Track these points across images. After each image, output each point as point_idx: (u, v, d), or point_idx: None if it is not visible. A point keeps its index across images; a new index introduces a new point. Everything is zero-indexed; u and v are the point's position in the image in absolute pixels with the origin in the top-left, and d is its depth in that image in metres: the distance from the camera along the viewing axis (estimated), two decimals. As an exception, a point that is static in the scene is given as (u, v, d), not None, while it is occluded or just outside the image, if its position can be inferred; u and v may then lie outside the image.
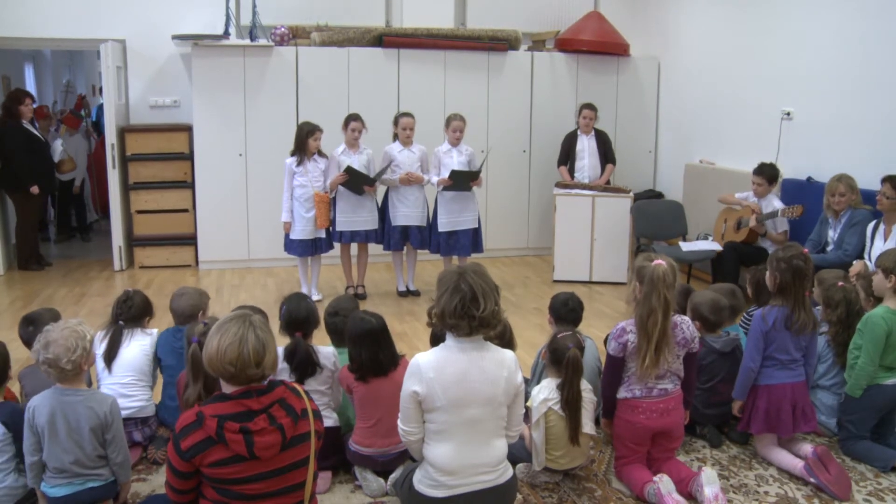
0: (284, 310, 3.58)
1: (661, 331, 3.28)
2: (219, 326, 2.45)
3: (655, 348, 3.29)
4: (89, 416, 2.97)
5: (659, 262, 3.30)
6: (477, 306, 2.70)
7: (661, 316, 3.27)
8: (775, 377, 3.71)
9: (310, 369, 3.50)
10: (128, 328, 3.82)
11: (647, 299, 3.28)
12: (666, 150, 8.68)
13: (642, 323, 3.30)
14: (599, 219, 7.22)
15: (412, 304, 6.58)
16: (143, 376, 3.78)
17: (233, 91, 7.55)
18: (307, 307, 3.58)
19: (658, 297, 3.26)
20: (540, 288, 7.16)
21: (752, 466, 3.75)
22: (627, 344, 3.36)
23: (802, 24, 6.47)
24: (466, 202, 6.57)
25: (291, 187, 6.35)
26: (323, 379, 3.55)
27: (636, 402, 3.41)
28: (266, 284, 7.19)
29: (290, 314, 3.55)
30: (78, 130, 9.57)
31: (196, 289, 4.08)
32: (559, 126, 8.07)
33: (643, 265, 3.32)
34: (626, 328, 3.38)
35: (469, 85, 8.11)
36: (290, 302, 3.61)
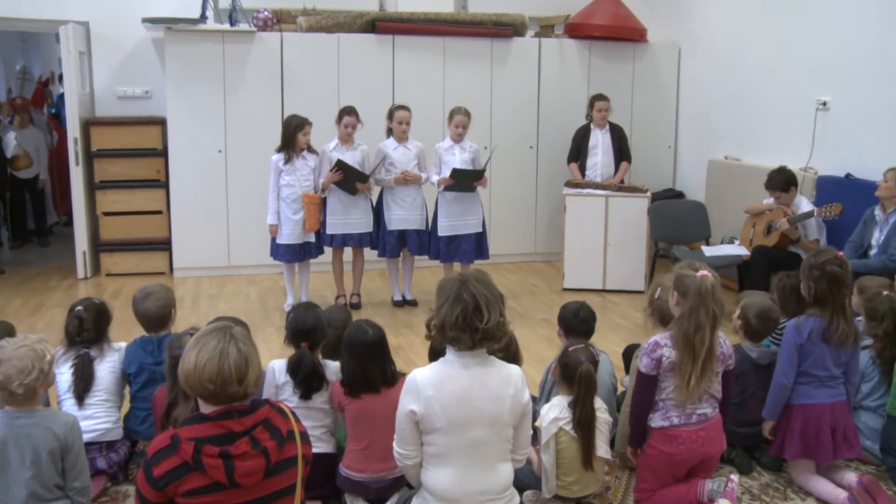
0: (290, 318, 3.62)
1: (709, 349, 3.25)
2: (196, 340, 2.44)
3: (702, 368, 3.24)
4: (47, 440, 2.84)
5: (705, 274, 3.28)
6: (480, 317, 2.70)
7: (709, 332, 3.25)
8: (812, 396, 3.67)
9: (316, 384, 3.51)
10: (94, 351, 3.73)
11: (693, 314, 3.25)
12: (687, 146, 8.69)
13: (687, 340, 3.26)
14: (614, 221, 7.23)
15: (409, 316, 6.58)
16: (111, 396, 3.73)
17: (211, 81, 7.56)
18: (315, 316, 3.61)
19: (706, 311, 3.24)
20: (549, 297, 7.16)
21: (787, 496, 3.69)
22: (662, 360, 3.32)
23: (840, 2, 6.45)
24: (469, 204, 6.57)
25: (278, 187, 6.36)
26: (328, 395, 3.57)
27: (675, 431, 3.34)
28: (248, 294, 7.19)
29: (297, 322, 3.58)
30: (34, 122, 9.43)
31: (160, 285, 3.97)
32: (569, 120, 8.08)
33: (686, 275, 3.31)
34: (661, 342, 3.34)
35: (471, 75, 8.12)
36: (298, 310, 3.65)
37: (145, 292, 3.88)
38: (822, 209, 5.83)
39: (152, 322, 3.86)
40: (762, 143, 7.37)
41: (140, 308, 3.87)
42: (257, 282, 7.61)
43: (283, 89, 7.69)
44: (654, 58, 8.63)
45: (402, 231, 6.60)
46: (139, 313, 3.88)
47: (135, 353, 3.80)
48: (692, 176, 8.46)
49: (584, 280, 7.33)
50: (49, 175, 9.75)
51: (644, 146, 8.53)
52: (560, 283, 7.44)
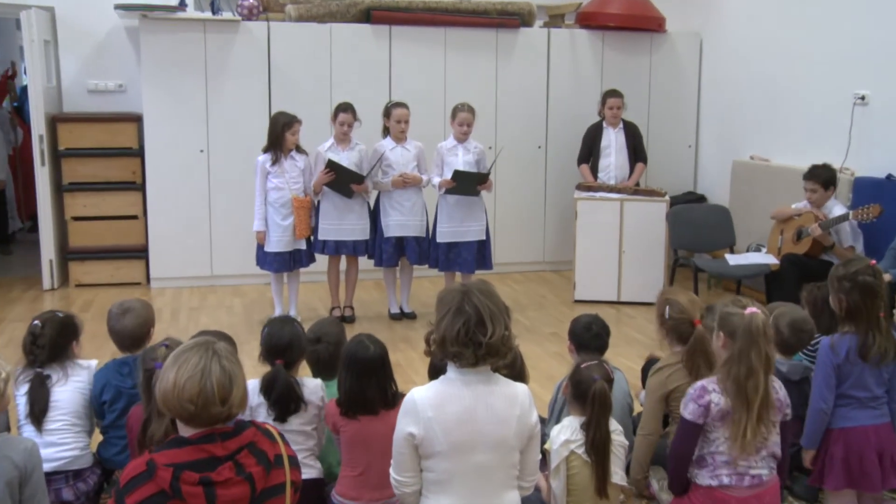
0: (265, 333, 3.61)
1: (764, 396, 3.18)
2: (176, 356, 2.43)
3: (757, 417, 3.17)
4: (5, 469, 2.75)
5: (754, 311, 3.21)
6: (484, 331, 2.70)
7: (762, 377, 3.18)
8: (853, 418, 3.60)
9: (292, 405, 3.50)
10: (54, 370, 3.67)
11: (743, 357, 3.17)
12: (709, 145, 8.69)
13: (739, 387, 3.18)
14: (629, 227, 7.24)
15: (407, 329, 6.59)
16: (79, 420, 3.67)
17: (191, 74, 7.57)
18: (291, 331, 3.61)
19: (759, 354, 3.17)
20: (558, 309, 7.16)
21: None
22: (710, 406, 3.23)
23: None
24: (472, 209, 6.59)
25: (265, 190, 6.37)
26: (308, 417, 3.56)
27: (724, 493, 3.22)
28: (232, 306, 7.20)
29: (271, 338, 3.58)
30: None
31: (140, 301, 3.94)
32: (581, 117, 8.09)
33: (733, 313, 3.24)
34: (709, 387, 3.26)
35: (474, 69, 8.14)
36: (273, 324, 3.65)
37: (123, 308, 3.85)
38: (859, 211, 5.79)
39: (127, 341, 3.83)
40: (792, 142, 7.37)
41: (116, 325, 3.83)
42: (242, 293, 7.61)
43: (270, 84, 7.71)
44: (673, 49, 8.65)
45: (400, 238, 6.61)
46: (114, 330, 3.85)
47: (109, 378, 3.72)
48: (715, 178, 8.47)
49: (597, 291, 7.33)
50: (11, 176, 9.67)
51: (662, 146, 8.54)
52: (571, 294, 7.44)
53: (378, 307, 7.15)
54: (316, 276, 7.13)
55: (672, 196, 7.75)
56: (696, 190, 8.76)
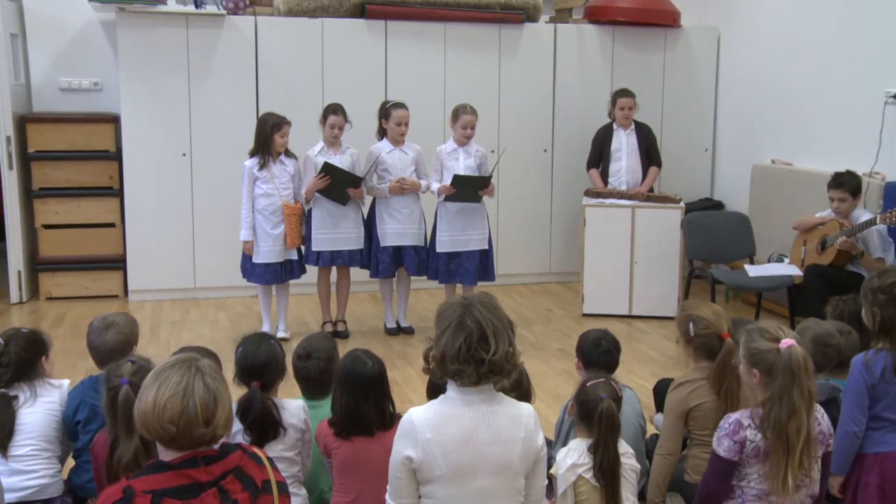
0: (240, 352, 3.59)
1: (806, 435, 3.14)
2: (156, 374, 2.43)
3: (799, 459, 3.12)
4: None
5: (791, 343, 3.15)
6: (486, 347, 2.71)
7: (805, 416, 3.13)
8: (889, 443, 3.55)
9: (270, 431, 3.48)
10: (22, 390, 3.62)
11: (785, 397, 3.12)
12: (727, 148, 8.71)
13: (780, 429, 3.13)
14: (641, 236, 7.25)
15: (404, 345, 6.60)
16: (49, 444, 3.62)
17: (172, 72, 7.59)
18: (268, 350, 3.59)
19: (801, 392, 3.12)
20: (566, 324, 7.17)
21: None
22: (745, 443, 3.21)
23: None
24: (473, 216, 6.61)
25: (253, 196, 6.39)
26: (289, 443, 3.54)
27: None
28: (217, 320, 7.20)
29: (246, 358, 3.56)
30: None
31: (124, 315, 3.93)
32: (589, 118, 8.10)
33: (765, 349, 3.18)
34: (744, 422, 3.23)
35: (475, 67, 8.17)
36: (248, 343, 3.63)
37: (106, 322, 3.83)
38: (887, 215, 5.77)
39: (108, 357, 3.75)
40: (817, 145, 7.38)
41: (98, 340, 3.80)
42: (228, 306, 7.62)
43: (257, 83, 7.73)
44: (688, 46, 8.68)
45: (397, 248, 6.62)
46: (95, 346, 3.82)
47: (85, 396, 3.67)
48: (733, 183, 8.49)
49: (607, 304, 7.35)
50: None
51: (677, 149, 8.56)
52: (579, 307, 7.45)
53: (373, 321, 7.15)
54: (306, 288, 7.13)
55: (687, 203, 7.77)
56: (713, 196, 8.78)
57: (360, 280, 7.15)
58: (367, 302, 7.69)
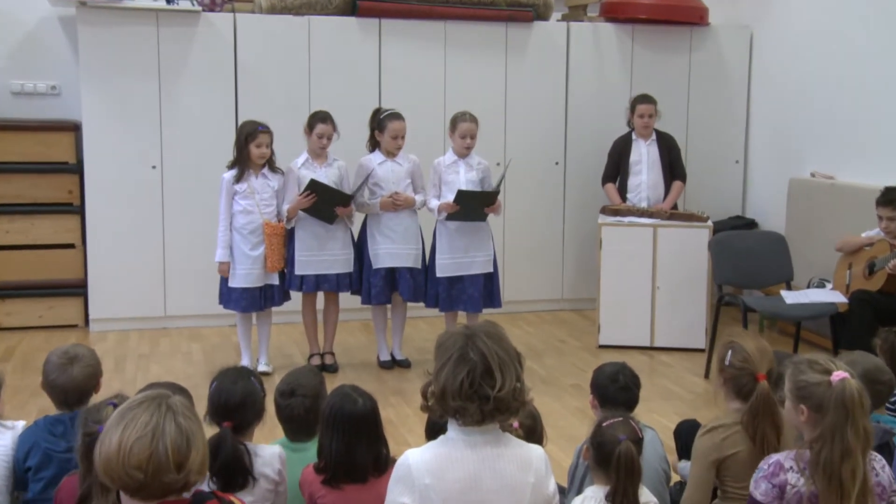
0: (214, 387, 3.56)
1: (863, 481, 3.09)
2: (121, 414, 2.41)
3: None
4: None
5: (843, 376, 3.12)
6: (491, 383, 2.72)
7: (861, 458, 3.09)
8: None
9: (239, 479, 3.43)
10: None
11: (837, 435, 3.07)
12: (761, 160, 8.74)
13: (832, 472, 3.09)
14: (664, 258, 7.27)
15: (400, 380, 6.60)
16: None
17: (141, 75, 7.59)
18: (245, 388, 3.56)
19: (856, 430, 3.07)
20: (580, 357, 7.18)
21: None
22: (786, 488, 3.18)
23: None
24: (477, 236, 6.63)
25: (231, 213, 6.42)
26: (259, 494, 3.48)
27: None
28: (190, 352, 7.21)
29: (220, 394, 3.52)
30: None
31: (85, 347, 3.87)
32: (606, 127, 8.14)
33: (814, 382, 3.15)
34: (785, 464, 3.21)
35: (479, 70, 8.20)
36: (224, 377, 3.59)
37: (69, 356, 3.75)
38: None
39: (73, 396, 3.71)
40: (863, 156, 7.39)
41: (61, 377, 3.72)
42: (202, 337, 7.63)
43: (236, 88, 7.76)
44: (717, 46, 8.72)
45: (391, 270, 6.63)
46: (57, 384, 3.73)
47: (38, 438, 3.61)
48: (768, 199, 8.51)
49: (626, 335, 7.36)
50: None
51: (704, 161, 8.59)
52: (594, 338, 7.46)
53: (365, 353, 7.16)
54: (290, 316, 7.14)
55: (716, 221, 7.78)
56: (744, 214, 8.80)
57: (351, 307, 7.16)
58: (358, 332, 7.70)
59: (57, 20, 8.17)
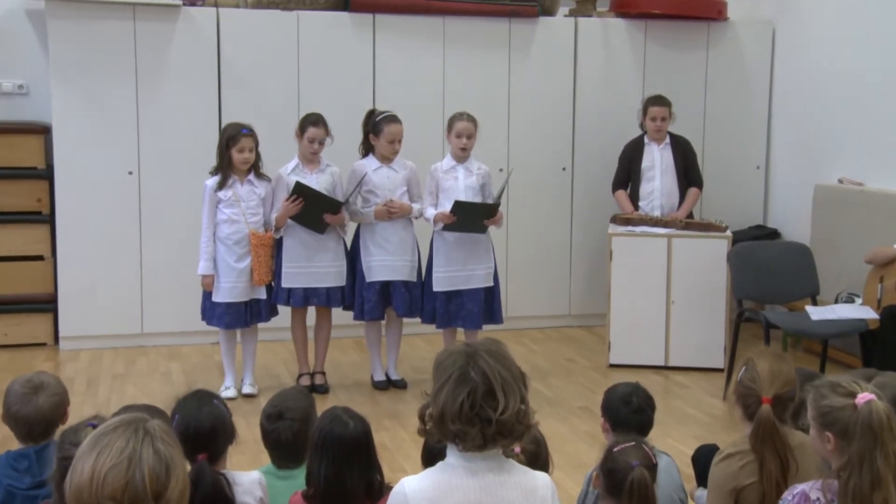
0: (177, 420, 3.52)
1: None
2: (95, 439, 2.39)
3: None
4: None
5: (869, 398, 3.11)
6: (494, 405, 2.72)
7: (892, 486, 3.07)
8: None
9: None
10: None
11: (866, 461, 3.06)
12: (784, 165, 8.75)
13: (861, 501, 3.07)
14: (679, 271, 7.27)
15: (395, 402, 6.61)
16: None
17: (117, 73, 7.59)
18: (212, 413, 3.54)
19: (886, 456, 3.06)
20: (589, 377, 7.19)
21: None
22: None
23: None
24: (477, 248, 6.65)
25: (214, 223, 6.43)
26: None
27: None
28: (169, 372, 7.21)
29: (187, 426, 3.48)
30: None
31: (51, 375, 3.84)
32: (616, 130, 8.17)
33: (838, 406, 3.13)
34: (811, 495, 3.18)
35: (481, 69, 8.22)
36: (186, 407, 3.54)
37: (33, 384, 3.70)
38: None
39: (39, 427, 3.66)
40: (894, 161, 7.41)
41: (26, 407, 3.66)
42: (183, 356, 7.62)
43: (220, 88, 7.77)
44: (737, 43, 8.74)
45: (385, 283, 6.64)
46: (21, 415, 3.68)
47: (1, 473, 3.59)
48: (791, 207, 8.52)
49: (639, 353, 7.37)
50: None
51: (722, 166, 8.60)
52: (605, 357, 7.47)
53: (358, 373, 7.17)
54: (278, 332, 7.15)
55: (735, 231, 7.79)
56: (766, 223, 8.82)
57: (343, 323, 7.17)
58: (350, 349, 7.71)
59: (24, 13, 8.10)
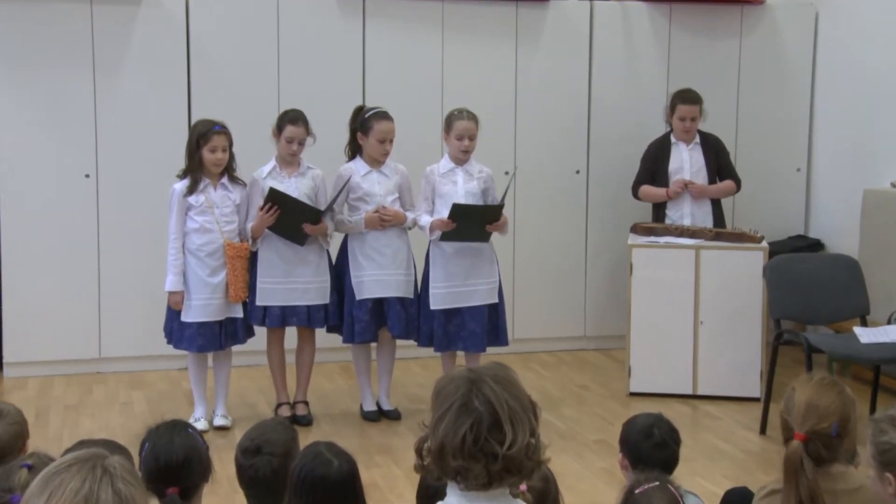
0: (147, 449, 3.54)
1: None
2: (46, 479, 2.37)
3: None
4: None
5: None
6: (500, 438, 2.74)
7: None
8: None
9: None
10: None
11: None
12: (828, 167, 8.77)
13: None
14: (709, 287, 7.28)
15: (388, 435, 6.63)
16: None
17: (71, 63, 7.59)
18: (186, 444, 3.56)
19: None
20: (606, 406, 7.22)
21: None
22: None
23: None
24: (479, 260, 6.68)
25: (183, 232, 6.45)
26: None
27: None
28: (130, 402, 7.22)
29: (157, 457, 3.51)
30: None
31: (10, 404, 3.88)
32: (637, 128, 8.21)
33: None
34: None
35: (484, 59, 8.25)
36: (158, 436, 3.57)
37: None
38: None
39: None
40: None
41: None
42: (146, 383, 7.63)
43: (189, 79, 7.78)
44: (775, 29, 8.76)
45: (377, 302, 6.66)
46: None
47: None
48: (836, 215, 8.54)
49: (663, 380, 7.38)
50: None
51: (758, 169, 8.61)
52: (624, 384, 7.49)
53: (345, 402, 7.19)
54: (254, 356, 7.19)
55: (772, 242, 7.81)
56: (807, 233, 8.85)
57: (328, 346, 7.20)
58: (336, 376, 7.73)
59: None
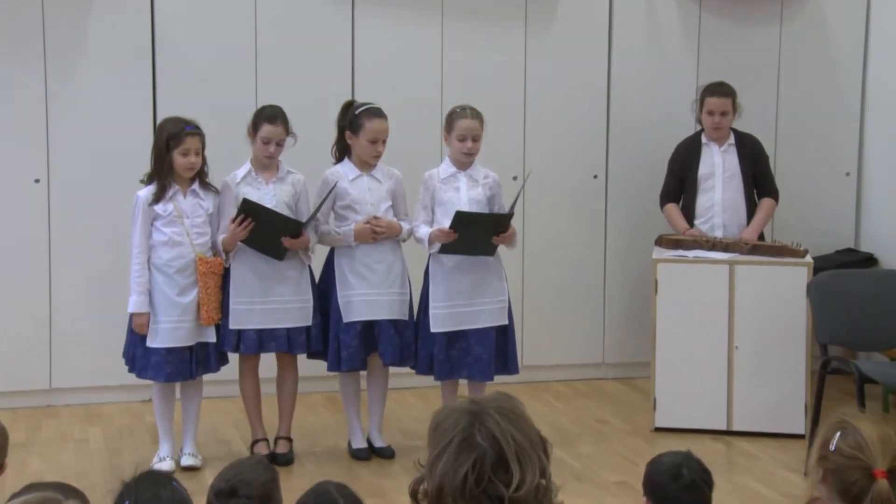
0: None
1: None
2: None
3: None
4: None
5: None
6: (506, 478, 2.75)
7: None
8: None
9: None
10: None
11: None
12: (881, 172, 8.77)
13: None
14: (745, 307, 7.28)
15: (379, 476, 6.63)
16: None
17: (20, 57, 7.62)
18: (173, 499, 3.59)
19: None
20: (628, 443, 7.23)
21: None
22: None
23: None
24: (486, 276, 6.70)
25: (149, 245, 6.46)
26: None
27: None
28: (86, 439, 7.21)
29: None
30: None
31: None
32: (663, 128, 8.24)
33: None
34: None
35: (490, 50, 8.27)
36: (140, 490, 3.58)
37: None
38: None
39: None
40: None
41: None
42: (104, 417, 7.63)
43: (154, 74, 7.79)
44: (819, 16, 8.78)
45: (368, 324, 6.67)
46: None
47: None
48: (891, 226, 8.56)
49: (693, 414, 7.38)
50: None
51: (801, 173, 8.65)
52: (649, 418, 7.50)
53: (332, 438, 7.20)
54: (226, 387, 7.19)
55: (817, 256, 7.80)
56: (858, 246, 8.86)
57: (312, 374, 7.22)
58: (321, 408, 7.74)
59: None
